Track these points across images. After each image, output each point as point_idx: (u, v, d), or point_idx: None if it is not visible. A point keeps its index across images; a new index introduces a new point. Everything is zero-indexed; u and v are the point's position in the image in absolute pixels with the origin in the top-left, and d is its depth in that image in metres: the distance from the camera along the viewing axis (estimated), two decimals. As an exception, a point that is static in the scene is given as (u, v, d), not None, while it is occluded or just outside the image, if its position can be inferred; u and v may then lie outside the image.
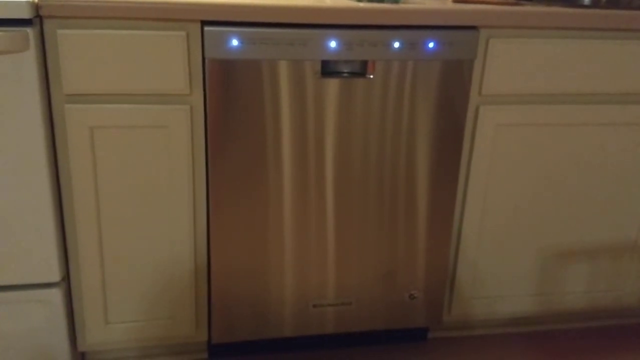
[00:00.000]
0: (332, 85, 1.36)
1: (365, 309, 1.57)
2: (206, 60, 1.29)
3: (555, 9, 1.43)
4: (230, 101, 1.33)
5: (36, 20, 1.22)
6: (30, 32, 1.21)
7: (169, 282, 1.46)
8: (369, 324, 1.59)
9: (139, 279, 1.45)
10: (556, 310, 1.71)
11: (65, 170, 1.34)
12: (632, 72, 1.50)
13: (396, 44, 1.34)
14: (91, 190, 1.35)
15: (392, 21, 1.34)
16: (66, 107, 1.29)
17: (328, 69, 1.36)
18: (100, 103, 1.30)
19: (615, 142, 1.56)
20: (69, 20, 1.24)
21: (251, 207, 1.42)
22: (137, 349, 1.60)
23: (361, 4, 1.34)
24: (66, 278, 1.42)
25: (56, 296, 1.39)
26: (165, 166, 1.37)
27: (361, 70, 1.37)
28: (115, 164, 1.35)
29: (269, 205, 1.43)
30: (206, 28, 1.28)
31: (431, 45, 1.36)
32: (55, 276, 1.38)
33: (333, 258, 1.51)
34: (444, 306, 1.65)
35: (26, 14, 1.19)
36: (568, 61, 1.46)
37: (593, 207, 1.62)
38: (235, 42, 1.28)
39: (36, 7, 1.21)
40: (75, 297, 1.44)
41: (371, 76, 1.37)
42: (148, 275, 1.45)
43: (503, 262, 1.63)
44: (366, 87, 1.37)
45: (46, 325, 1.41)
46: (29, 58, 1.22)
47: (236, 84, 1.32)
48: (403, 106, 1.41)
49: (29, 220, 1.33)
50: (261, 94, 1.34)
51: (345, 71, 1.37)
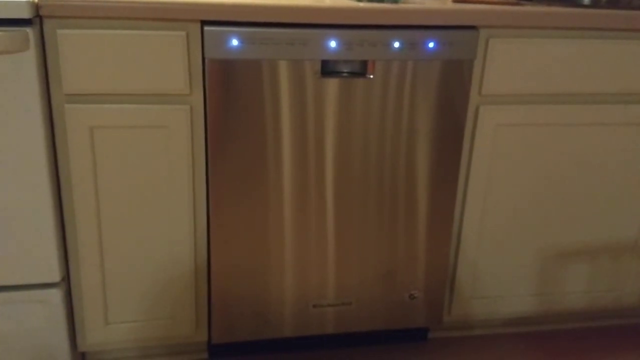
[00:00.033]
0: (332, 85, 1.36)
1: (365, 309, 1.57)
2: (206, 60, 1.29)
3: (555, 9, 1.43)
4: (230, 101, 1.33)
5: (36, 20, 1.22)
6: (30, 32, 1.21)
7: (169, 282, 1.46)
8: (369, 324, 1.59)
9: (139, 279, 1.45)
10: (556, 310, 1.71)
11: (65, 170, 1.34)
12: (632, 72, 1.50)
13: (396, 44, 1.34)
14: (91, 190, 1.35)
15: (392, 21, 1.34)
16: (66, 107, 1.29)
17: (328, 69, 1.36)
18: (100, 103, 1.30)
19: (615, 142, 1.56)
20: (69, 20, 1.24)
21: (251, 207, 1.42)
22: (137, 349, 1.60)
23: (361, 4, 1.34)
24: (66, 278, 1.42)
25: (56, 296, 1.39)
26: (165, 166, 1.37)
27: (361, 70, 1.37)
28: (115, 164, 1.35)
29: (269, 205, 1.43)
30: (206, 28, 1.28)
31: (431, 45, 1.36)
32: (55, 276, 1.38)
33: (333, 258, 1.51)
34: (444, 306, 1.65)
35: (26, 14, 1.18)
36: (568, 61, 1.46)
37: (593, 207, 1.62)
38: (235, 42, 1.28)
39: (36, 7, 1.21)
40: (75, 297, 1.44)
41: (371, 76, 1.37)
42: (148, 275, 1.45)
43: (503, 262, 1.63)
44: (366, 87, 1.37)
45: (46, 325, 1.41)
46: (29, 58, 1.22)
47: (236, 84, 1.32)
48: (403, 106, 1.41)
49: (29, 220, 1.33)
50: (261, 94, 1.34)
51: (345, 71, 1.37)
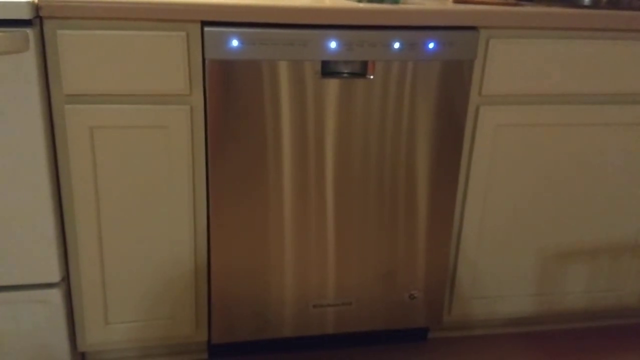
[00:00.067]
0: (332, 85, 1.36)
1: (365, 309, 1.57)
2: (206, 60, 1.29)
3: (555, 9, 1.43)
4: (230, 101, 1.33)
5: (36, 20, 1.22)
6: (30, 33, 1.21)
7: (169, 282, 1.47)
8: (369, 324, 1.59)
9: (139, 279, 1.45)
10: (556, 310, 1.71)
11: (65, 170, 1.34)
12: (632, 72, 1.50)
13: (396, 45, 1.34)
14: (91, 190, 1.35)
15: (392, 21, 1.34)
16: (66, 107, 1.29)
17: (328, 69, 1.36)
18: (100, 103, 1.30)
19: (615, 142, 1.56)
20: (69, 20, 1.24)
21: (251, 207, 1.42)
22: (137, 349, 1.60)
23: (361, 4, 1.34)
24: (66, 278, 1.42)
25: (56, 296, 1.39)
26: (165, 166, 1.37)
27: (361, 70, 1.37)
28: (115, 164, 1.35)
29: (269, 205, 1.43)
30: (206, 28, 1.28)
31: (431, 45, 1.36)
32: (55, 276, 1.38)
33: (333, 258, 1.51)
34: (444, 306, 1.65)
35: (26, 15, 1.18)
36: (568, 61, 1.46)
37: (593, 207, 1.62)
38: (235, 43, 1.28)
39: (36, 8, 1.21)
40: (75, 297, 1.44)
41: (371, 76, 1.37)
42: (148, 275, 1.45)
43: (503, 262, 1.63)
44: (366, 88, 1.37)
45: (46, 325, 1.41)
46: (29, 58, 1.22)
47: (236, 84, 1.32)
48: (403, 106, 1.41)
49: (29, 220, 1.33)
50: (261, 95, 1.34)
51: (345, 71, 1.36)
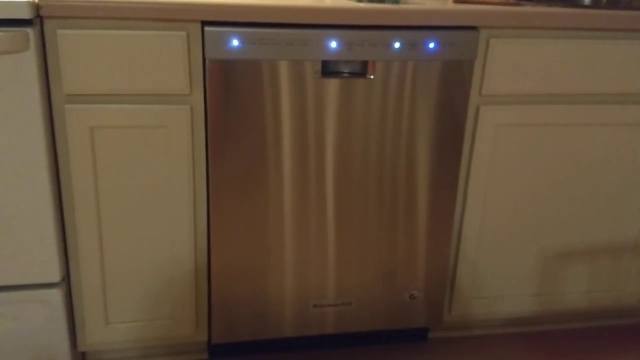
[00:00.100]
0: (332, 85, 1.36)
1: (365, 309, 1.57)
2: (206, 60, 1.29)
3: (555, 9, 1.43)
4: (230, 101, 1.33)
5: (36, 20, 1.22)
6: (30, 32, 1.20)
7: (169, 282, 1.46)
8: (369, 324, 1.59)
9: (139, 279, 1.45)
10: (556, 310, 1.71)
11: (65, 170, 1.34)
12: (632, 72, 1.50)
13: (396, 44, 1.34)
14: (91, 190, 1.35)
15: (393, 21, 1.34)
16: (66, 107, 1.29)
17: (328, 69, 1.36)
18: (100, 103, 1.30)
19: (615, 142, 1.56)
20: (69, 20, 1.24)
21: (251, 207, 1.42)
22: (137, 349, 1.60)
23: (361, 4, 1.34)
24: (66, 278, 1.42)
25: (56, 296, 1.39)
26: (165, 166, 1.37)
27: (361, 70, 1.37)
28: (115, 164, 1.35)
29: (269, 205, 1.43)
30: (206, 28, 1.28)
31: (431, 45, 1.36)
32: (55, 276, 1.38)
33: (333, 258, 1.51)
34: (444, 306, 1.65)
35: (26, 14, 1.18)
36: (568, 61, 1.46)
37: (593, 207, 1.62)
38: (235, 42, 1.28)
39: (36, 7, 1.21)
40: (75, 297, 1.44)
41: (371, 76, 1.37)
42: (148, 275, 1.45)
43: (503, 262, 1.63)
44: (366, 88, 1.37)
45: (46, 325, 1.41)
46: (29, 58, 1.22)
47: (236, 84, 1.32)
48: (403, 106, 1.41)
49: (29, 220, 1.33)
50: (261, 94, 1.34)
51: (345, 71, 1.36)
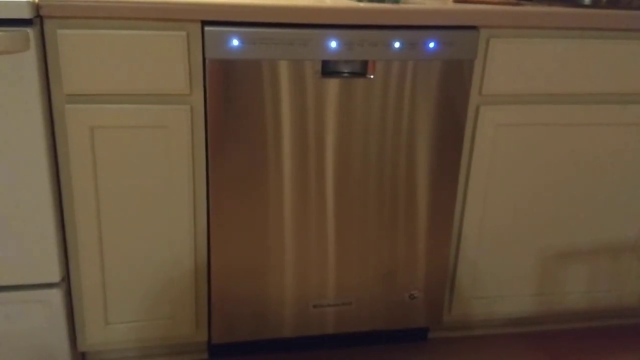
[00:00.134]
0: (333, 85, 1.36)
1: (365, 309, 1.57)
2: (206, 60, 1.29)
3: (555, 9, 1.43)
4: (230, 101, 1.33)
5: (36, 20, 1.22)
6: (30, 32, 1.20)
7: (169, 282, 1.46)
8: (369, 324, 1.59)
9: (139, 279, 1.45)
10: (556, 310, 1.71)
11: (65, 170, 1.34)
12: (632, 72, 1.50)
13: (396, 44, 1.34)
14: (91, 190, 1.35)
15: (393, 21, 1.34)
16: (66, 107, 1.29)
17: (328, 69, 1.36)
18: (100, 103, 1.30)
19: (615, 142, 1.56)
20: (69, 20, 1.24)
21: (251, 207, 1.42)
22: (137, 349, 1.60)
23: (361, 4, 1.34)
24: (66, 278, 1.42)
25: (56, 296, 1.39)
26: (165, 166, 1.37)
27: (361, 70, 1.37)
28: (115, 164, 1.35)
29: (269, 205, 1.43)
30: (206, 28, 1.28)
31: (431, 45, 1.36)
32: (55, 276, 1.38)
33: (333, 258, 1.51)
34: (444, 306, 1.65)
35: (26, 14, 1.18)
36: (568, 61, 1.46)
37: (593, 207, 1.62)
38: (235, 42, 1.28)
39: (36, 7, 1.21)
40: (75, 297, 1.44)
41: (371, 76, 1.37)
42: (148, 275, 1.45)
43: (503, 262, 1.63)
44: (366, 87, 1.37)
45: (46, 325, 1.41)
46: (29, 58, 1.22)
47: (236, 84, 1.32)
48: (403, 106, 1.41)
49: (29, 220, 1.33)
50: (261, 94, 1.34)
51: (345, 71, 1.36)
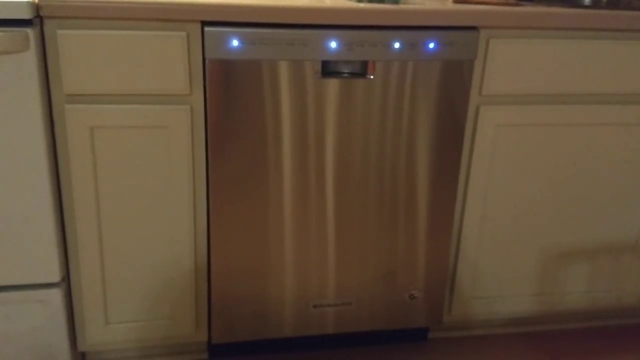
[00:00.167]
0: (332, 85, 1.36)
1: (365, 309, 1.57)
2: (206, 60, 1.29)
3: (555, 9, 1.43)
4: (230, 101, 1.33)
5: (36, 20, 1.22)
6: (30, 33, 1.20)
7: (169, 282, 1.46)
8: (369, 324, 1.59)
9: (139, 279, 1.45)
10: (556, 310, 1.71)
11: (65, 170, 1.34)
12: (632, 72, 1.50)
13: (396, 45, 1.34)
14: (91, 190, 1.35)
15: (393, 22, 1.34)
16: (66, 107, 1.29)
17: (328, 69, 1.36)
18: (100, 103, 1.30)
19: (615, 142, 1.56)
20: (69, 20, 1.24)
21: (251, 207, 1.42)
22: (137, 349, 1.60)
23: (361, 5, 1.34)
24: (66, 278, 1.42)
25: (56, 296, 1.39)
26: (165, 166, 1.37)
27: (361, 70, 1.37)
28: (115, 164, 1.35)
29: (269, 205, 1.43)
30: (206, 28, 1.28)
31: (431, 45, 1.36)
32: (55, 276, 1.38)
33: (333, 258, 1.51)
34: (444, 306, 1.65)
35: (26, 14, 1.18)
36: (568, 61, 1.46)
37: (593, 207, 1.62)
38: (235, 43, 1.28)
39: (36, 7, 1.21)
40: (75, 297, 1.44)
41: (371, 76, 1.37)
42: (148, 275, 1.45)
43: (503, 262, 1.63)
44: (366, 88, 1.37)
45: (46, 325, 1.41)
46: (29, 58, 1.22)
47: (236, 84, 1.32)
48: (403, 106, 1.41)
49: (29, 220, 1.33)
50: (261, 94, 1.34)
51: (345, 71, 1.36)
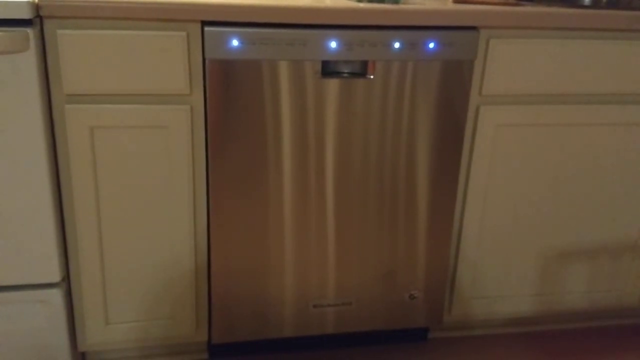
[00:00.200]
0: (332, 85, 1.36)
1: (365, 309, 1.57)
2: (206, 60, 1.29)
3: (555, 9, 1.43)
4: (230, 101, 1.33)
5: (36, 20, 1.22)
6: (30, 32, 1.20)
7: (169, 282, 1.46)
8: (369, 324, 1.59)
9: (139, 279, 1.45)
10: (556, 310, 1.71)
11: (65, 170, 1.34)
12: (632, 72, 1.50)
13: (396, 45, 1.34)
14: (91, 190, 1.35)
15: (393, 21, 1.34)
16: (66, 107, 1.29)
17: (328, 69, 1.36)
18: (100, 103, 1.30)
19: (615, 142, 1.56)
20: (69, 20, 1.24)
21: (251, 207, 1.42)
22: (137, 349, 1.60)
23: (361, 4, 1.34)
24: (66, 278, 1.42)
25: (56, 296, 1.39)
26: (165, 166, 1.37)
27: (361, 70, 1.37)
28: (115, 164, 1.35)
29: (269, 205, 1.43)
30: (206, 28, 1.28)
31: (431, 45, 1.36)
32: (55, 276, 1.38)
33: (333, 258, 1.51)
34: (444, 306, 1.65)
35: (26, 14, 1.18)
36: (568, 61, 1.46)
37: (593, 207, 1.62)
38: (235, 43, 1.28)
39: (36, 7, 1.21)
40: (75, 297, 1.44)
41: (371, 76, 1.37)
42: (148, 275, 1.45)
43: (503, 262, 1.63)
44: (366, 88, 1.37)
45: (46, 325, 1.41)
46: (29, 58, 1.22)
47: (236, 84, 1.32)
48: (403, 106, 1.41)
49: (29, 220, 1.33)
50: (261, 94, 1.34)
51: (345, 71, 1.36)
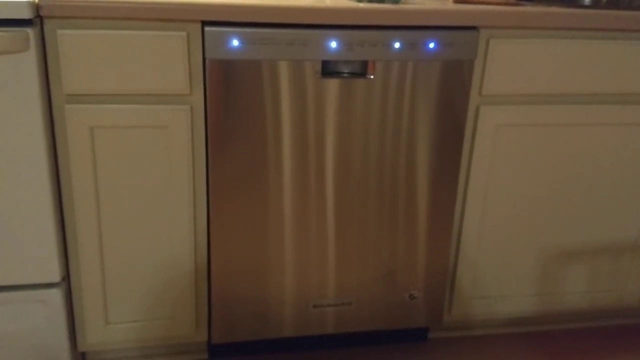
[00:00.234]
0: (333, 85, 1.36)
1: (365, 309, 1.57)
2: (206, 60, 1.29)
3: (555, 9, 1.43)
4: (230, 101, 1.33)
5: (36, 20, 1.22)
6: (30, 32, 1.20)
7: (169, 282, 1.46)
8: (369, 324, 1.59)
9: (139, 279, 1.45)
10: (556, 310, 1.71)
11: (65, 170, 1.34)
12: (632, 72, 1.50)
13: (396, 45, 1.34)
14: (91, 190, 1.35)
15: (393, 21, 1.34)
16: (66, 107, 1.29)
17: (328, 69, 1.36)
18: (100, 103, 1.30)
19: (615, 142, 1.56)
20: (69, 20, 1.24)
21: (251, 207, 1.42)
22: (137, 349, 1.60)
23: (361, 4, 1.34)
24: (66, 278, 1.42)
25: (56, 296, 1.39)
26: (165, 166, 1.37)
27: (361, 70, 1.37)
28: (115, 164, 1.35)
29: (269, 205, 1.43)
30: (207, 28, 1.28)
31: (431, 45, 1.36)
32: (55, 276, 1.38)
33: (333, 258, 1.51)
34: (444, 306, 1.65)
35: (26, 14, 1.18)
36: (568, 61, 1.46)
37: (593, 207, 1.62)
38: (235, 43, 1.28)
39: (36, 7, 1.21)
40: (75, 297, 1.44)
41: (371, 76, 1.37)
42: (148, 275, 1.45)
43: (503, 262, 1.63)
44: (366, 88, 1.37)
45: (46, 325, 1.41)
46: (29, 58, 1.22)
47: (236, 84, 1.32)
48: (403, 106, 1.41)
49: (29, 220, 1.33)
50: (261, 94, 1.34)
51: (345, 71, 1.36)
